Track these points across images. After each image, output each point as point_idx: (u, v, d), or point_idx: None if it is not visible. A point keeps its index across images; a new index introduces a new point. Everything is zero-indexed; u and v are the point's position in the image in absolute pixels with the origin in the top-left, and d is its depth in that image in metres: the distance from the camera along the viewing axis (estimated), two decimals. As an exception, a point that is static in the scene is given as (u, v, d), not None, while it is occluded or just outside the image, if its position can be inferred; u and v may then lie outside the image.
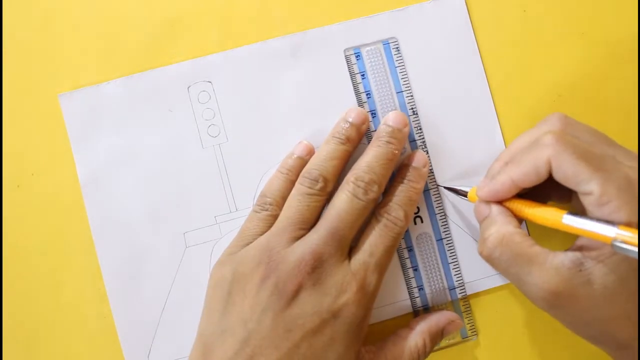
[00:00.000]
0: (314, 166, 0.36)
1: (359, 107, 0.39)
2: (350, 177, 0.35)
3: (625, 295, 0.29)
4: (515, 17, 0.40)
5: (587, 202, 0.30)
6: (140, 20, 0.40)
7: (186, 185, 0.39)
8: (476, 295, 0.39)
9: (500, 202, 0.34)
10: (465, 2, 0.40)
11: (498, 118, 0.39)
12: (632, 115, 0.40)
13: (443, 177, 0.39)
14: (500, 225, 0.33)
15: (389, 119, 0.37)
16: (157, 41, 0.40)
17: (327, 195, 0.36)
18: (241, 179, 0.39)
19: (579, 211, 0.31)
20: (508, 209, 0.34)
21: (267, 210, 0.36)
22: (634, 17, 0.40)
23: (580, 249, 0.30)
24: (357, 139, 0.38)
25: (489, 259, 0.33)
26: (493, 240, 0.32)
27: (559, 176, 0.30)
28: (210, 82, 0.40)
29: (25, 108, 0.40)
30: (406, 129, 0.37)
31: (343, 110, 0.39)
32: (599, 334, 0.31)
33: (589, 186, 0.29)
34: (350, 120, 0.37)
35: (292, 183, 0.37)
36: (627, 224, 0.28)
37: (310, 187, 0.35)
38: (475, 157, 0.39)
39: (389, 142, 0.36)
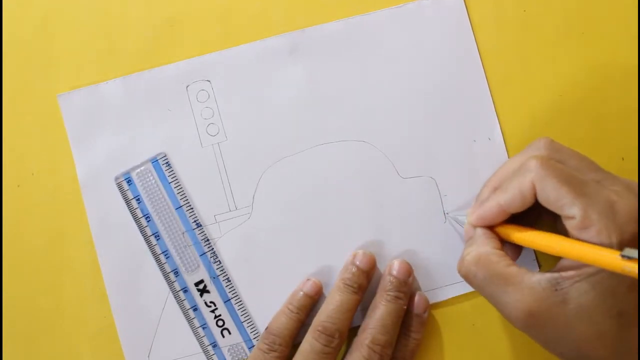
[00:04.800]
0: (329, 319, 0.35)
1: (366, 252, 0.38)
2: (364, 338, 0.35)
3: (600, 315, 0.29)
4: (515, 17, 0.40)
5: (569, 225, 0.30)
6: (138, 19, 0.40)
7: (185, 184, 0.39)
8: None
9: (490, 228, 0.34)
10: (465, 2, 0.40)
11: (498, 118, 0.39)
12: (632, 115, 0.40)
13: (442, 178, 0.39)
14: (479, 245, 0.33)
15: (393, 267, 0.37)
16: (156, 40, 0.40)
17: (339, 350, 0.36)
18: (241, 178, 0.39)
19: (562, 234, 0.31)
20: (498, 234, 0.34)
21: (275, 350, 0.36)
22: (633, 17, 0.40)
23: (558, 270, 0.31)
24: (367, 286, 0.37)
25: (466, 278, 0.33)
26: (470, 259, 0.33)
27: (542, 200, 0.31)
28: (209, 81, 0.40)
29: (24, 108, 0.40)
30: (411, 279, 0.37)
31: (342, 109, 0.39)
32: (574, 355, 0.31)
33: (571, 210, 0.30)
34: (358, 264, 0.37)
35: (301, 322, 0.37)
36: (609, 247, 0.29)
37: (326, 345, 0.35)
38: (474, 158, 0.39)
39: (397, 297, 0.36)
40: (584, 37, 0.40)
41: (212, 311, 0.38)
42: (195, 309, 0.38)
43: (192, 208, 0.39)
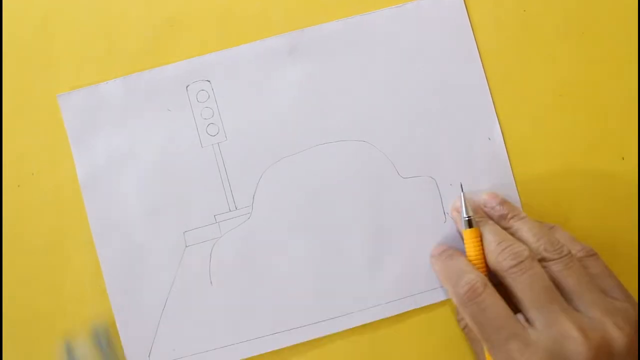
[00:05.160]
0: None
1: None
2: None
3: None
4: (515, 17, 0.40)
5: None
6: (138, 19, 0.40)
7: (185, 184, 0.39)
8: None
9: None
10: (465, 2, 0.40)
11: (498, 118, 0.39)
12: (632, 115, 0.40)
13: (442, 178, 0.39)
14: None
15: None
16: (156, 40, 0.40)
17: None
18: (240, 178, 0.39)
19: None
20: None
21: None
22: (633, 17, 0.40)
23: None
24: None
25: None
26: None
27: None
28: (208, 81, 0.40)
29: (24, 108, 0.40)
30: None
31: (342, 109, 0.39)
32: None
33: None
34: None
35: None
36: None
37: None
38: (474, 158, 0.39)
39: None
40: (584, 37, 0.40)
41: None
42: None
43: (191, 208, 0.39)
